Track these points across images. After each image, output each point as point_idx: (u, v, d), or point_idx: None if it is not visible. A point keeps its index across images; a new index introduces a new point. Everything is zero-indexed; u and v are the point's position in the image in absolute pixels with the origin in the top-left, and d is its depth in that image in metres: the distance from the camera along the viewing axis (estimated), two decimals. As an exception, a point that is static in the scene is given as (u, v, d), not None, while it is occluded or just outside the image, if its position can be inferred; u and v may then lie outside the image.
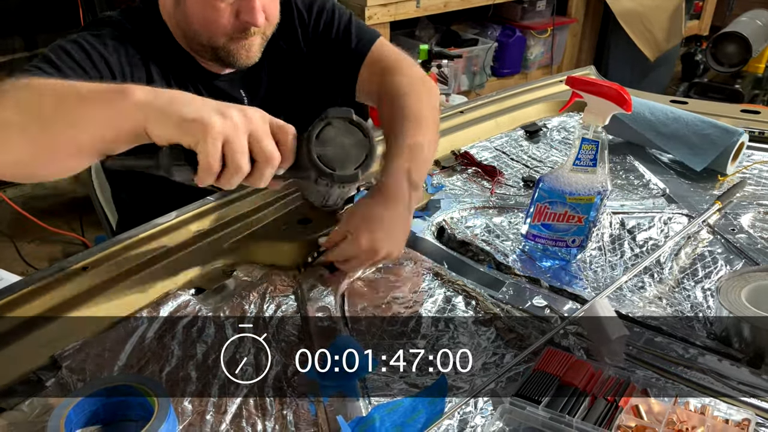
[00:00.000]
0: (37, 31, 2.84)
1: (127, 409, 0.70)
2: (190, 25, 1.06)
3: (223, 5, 1.02)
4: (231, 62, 1.10)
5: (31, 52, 2.86)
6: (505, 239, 1.08)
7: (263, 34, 1.10)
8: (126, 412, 0.70)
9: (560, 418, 0.71)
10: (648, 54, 3.76)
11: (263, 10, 1.04)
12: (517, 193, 1.24)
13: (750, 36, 3.30)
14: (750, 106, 1.59)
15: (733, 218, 1.14)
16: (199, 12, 1.04)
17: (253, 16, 1.02)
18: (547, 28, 3.58)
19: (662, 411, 0.73)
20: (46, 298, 0.84)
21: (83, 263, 0.91)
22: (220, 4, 1.02)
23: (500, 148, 1.41)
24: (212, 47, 1.08)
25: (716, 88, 3.50)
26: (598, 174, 0.99)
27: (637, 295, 0.96)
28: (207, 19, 1.04)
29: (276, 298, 0.92)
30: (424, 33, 3.28)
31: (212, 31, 1.05)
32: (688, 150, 1.32)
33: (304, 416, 0.75)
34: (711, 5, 4.27)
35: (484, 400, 0.77)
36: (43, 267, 2.45)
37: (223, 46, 1.07)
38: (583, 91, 0.98)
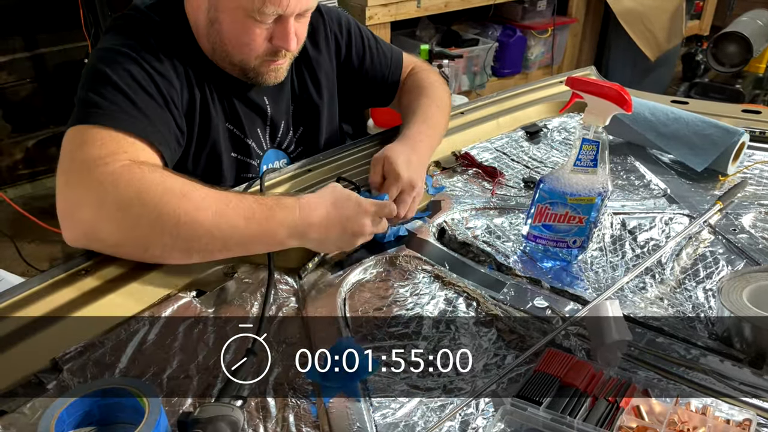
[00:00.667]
0: (37, 31, 2.84)
1: (120, 411, 0.70)
2: (224, 46, 1.07)
3: (258, 30, 1.03)
4: (259, 82, 1.12)
5: (31, 52, 2.86)
6: (506, 240, 1.08)
7: (292, 56, 1.13)
8: (119, 414, 0.70)
9: (561, 419, 0.71)
10: (648, 54, 3.76)
11: (295, 34, 1.06)
12: (517, 194, 1.24)
13: (751, 36, 3.29)
14: (751, 106, 1.59)
15: (735, 218, 1.14)
16: (235, 35, 1.04)
17: (287, 42, 1.05)
18: (548, 28, 3.58)
19: (663, 411, 0.73)
20: (48, 301, 0.84)
21: (84, 266, 0.91)
22: (256, 30, 1.03)
23: (501, 149, 1.41)
24: (242, 68, 1.09)
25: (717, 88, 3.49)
26: (598, 174, 0.99)
27: (638, 296, 0.96)
28: (241, 42, 1.05)
29: (277, 300, 0.92)
30: (425, 33, 3.28)
31: (245, 54, 1.07)
32: (689, 150, 1.32)
33: (306, 418, 0.75)
34: (711, 5, 4.26)
35: (485, 401, 0.77)
36: (44, 267, 2.48)
37: (254, 67, 1.09)
38: (583, 92, 0.98)
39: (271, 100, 1.22)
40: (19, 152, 2.97)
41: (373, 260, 1.01)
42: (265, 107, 1.21)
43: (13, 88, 2.87)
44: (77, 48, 2.87)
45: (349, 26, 1.32)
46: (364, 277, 0.99)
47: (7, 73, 2.83)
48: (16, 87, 2.87)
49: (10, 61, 2.82)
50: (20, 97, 2.90)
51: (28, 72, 2.88)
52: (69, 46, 2.91)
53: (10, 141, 2.94)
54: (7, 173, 2.95)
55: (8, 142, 2.93)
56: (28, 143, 2.97)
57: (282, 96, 1.24)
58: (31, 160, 2.99)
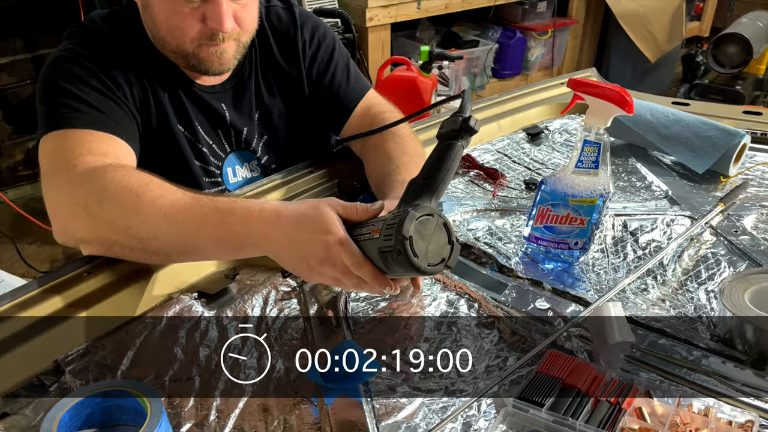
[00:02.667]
0: (38, 31, 2.84)
1: (122, 413, 0.70)
2: (158, 32, 1.04)
3: (186, 9, 0.99)
4: (203, 69, 1.06)
5: (32, 53, 2.86)
6: (508, 242, 1.08)
7: (237, 41, 1.06)
8: (121, 416, 0.70)
9: (563, 421, 0.71)
10: (648, 55, 3.76)
11: (234, 15, 1.01)
12: (519, 196, 1.24)
13: (751, 37, 3.29)
14: (752, 108, 1.59)
15: (736, 220, 1.14)
16: (164, 17, 1.01)
17: (220, 21, 0.99)
18: (548, 30, 3.58)
19: (665, 413, 0.73)
20: (50, 303, 0.84)
21: (86, 267, 0.91)
22: (183, 9, 0.99)
23: (502, 151, 1.41)
24: (182, 54, 1.05)
25: (717, 89, 3.49)
26: (600, 176, 0.99)
27: (640, 297, 0.96)
28: (172, 25, 1.01)
29: (279, 302, 0.92)
30: (425, 34, 3.28)
31: (178, 38, 1.02)
32: (690, 152, 1.32)
33: (307, 419, 0.75)
34: (711, 7, 4.27)
35: (487, 402, 0.77)
36: (44, 268, 2.47)
37: (193, 52, 1.04)
38: (584, 94, 0.98)
39: (229, 106, 1.17)
40: (19, 153, 2.97)
41: (375, 262, 1.01)
42: (223, 112, 1.16)
43: (13, 89, 2.87)
44: (78, 49, 2.87)
45: (322, 39, 1.24)
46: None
47: (7, 74, 2.83)
48: (17, 88, 2.88)
49: (11, 63, 2.82)
50: (21, 99, 2.90)
51: (29, 73, 2.88)
52: (69, 48, 2.90)
53: (11, 142, 2.94)
54: (8, 174, 2.96)
55: (9, 144, 2.93)
56: (29, 144, 2.97)
57: (243, 102, 1.18)
58: (32, 162, 2.99)
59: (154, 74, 1.09)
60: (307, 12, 1.27)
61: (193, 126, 1.14)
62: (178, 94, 1.12)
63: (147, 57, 1.09)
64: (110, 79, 1.02)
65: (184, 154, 1.14)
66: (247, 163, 1.22)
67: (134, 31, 1.09)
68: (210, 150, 1.17)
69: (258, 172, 1.24)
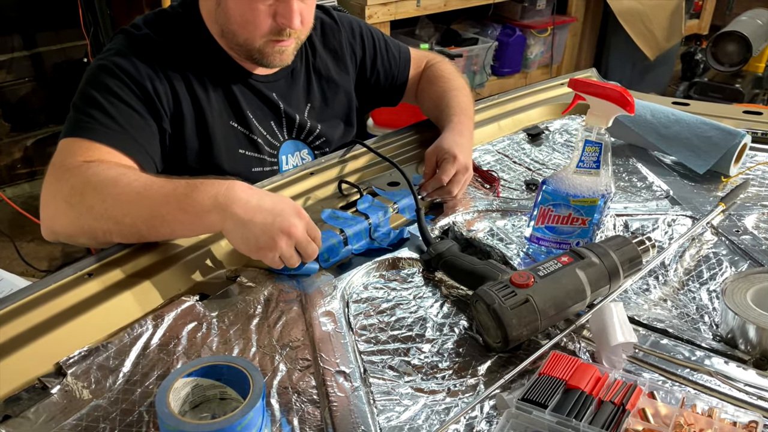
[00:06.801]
0: (37, 29, 2.83)
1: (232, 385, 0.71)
2: (229, 25, 1.10)
3: (262, 7, 1.07)
4: (265, 63, 1.15)
5: (30, 51, 2.85)
6: (509, 242, 1.08)
7: (297, 38, 1.15)
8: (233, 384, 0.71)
9: (567, 422, 0.71)
10: (648, 53, 3.76)
11: (300, 13, 1.08)
12: (520, 196, 1.24)
13: (750, 35, 3.29)
14: (752, 107, 1.59)
15: (737, 220, 1.14)
16: (239, 12, 1.08)
17: (290, 19, 1.07)
18: (547, 27, 3.58)
19: (669, 414, 0.72)
20: (51, 305, 0.84)
21: (88, 270, 0.90)
22: (259, 6, 1.06)
23: (502, 152, 1.41)
24: (248, 48, 1.12)
25: (716, 87, 3.49)
26: (601, 176, 0.99)
27: (642, 298, 0.96)
28: (245, 20, 1.08)
29: (280, 304, 0.92)
30: (424, 32, 3.28)
31: (250, 32, 1.09)
32: (691, 153, 1.32)
33: (310, 421, 0.75)
34: (711, 4, 4.27)
35: (490, 404, 0.77)
36: (43, 267, 2.47)
37: (259, 47, 1.11)
38: (585, 94, 0.98)
39: (281, 96, 1.24)
40: (17, 151, 2.97)
41: (376, 263, 1.01)
42: (277, 102, 1.23)
43: (11, 87, 2.86)
44: (76, 47, 2.86)
45: (362, 32, 1.37)
46: (366, 279, 0.99)
47: (6, 72, 2.82)
48: (15, 86, 2.87)
49: (9, 60, 2.82)
50: (19, 96, 2.89)
51: (27, 71, 2.88)
52: (68, 45, 2.90)
53: (9, 140, 2.93)
54: (6, 172, 2.95)
55: (7, 141, 2.93)
56: (27, 142, 2.97)
57: (293, 92, 1.26)
58: (30, 160, 2.99)
59: (207, 71, 1.15)
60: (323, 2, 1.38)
61: (246, 118, 1.20)
62: (230, 89, 1.18)
63: (200, 55, 1.15)
64: (148, 91, 1.07)
65: (239, 147, 1.19)
66: (298, 152, 1.29)
67: (185, 31, 1.15)
68: (264, 140, 1.23)
69: (309, 160, 1.30)
